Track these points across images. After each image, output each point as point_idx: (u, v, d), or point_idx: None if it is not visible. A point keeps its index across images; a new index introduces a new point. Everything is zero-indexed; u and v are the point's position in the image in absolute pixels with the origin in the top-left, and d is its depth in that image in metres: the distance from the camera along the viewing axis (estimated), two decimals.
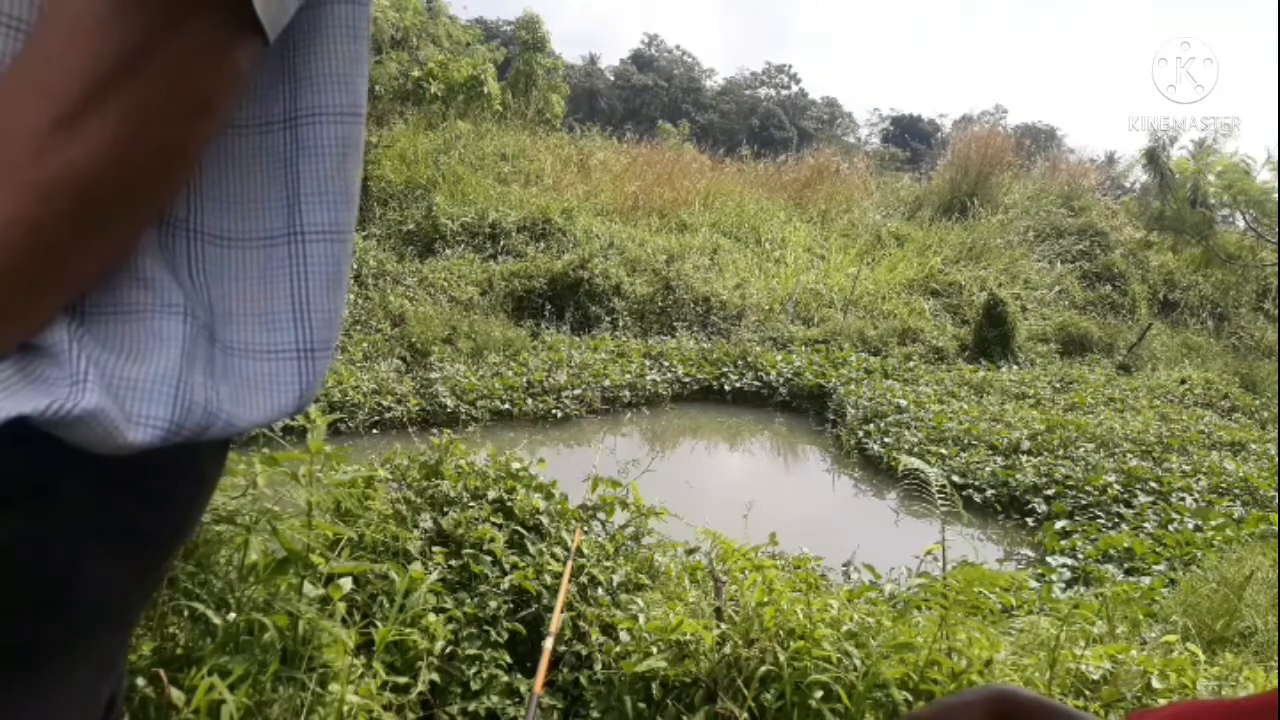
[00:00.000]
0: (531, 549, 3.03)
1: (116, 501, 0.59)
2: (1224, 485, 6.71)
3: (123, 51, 0.48)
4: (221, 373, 0.61)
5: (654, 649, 2.50)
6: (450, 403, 7.83)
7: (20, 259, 0.48)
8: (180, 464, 0.63)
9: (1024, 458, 7.17)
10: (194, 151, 0.55)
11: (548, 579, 2.89)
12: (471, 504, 3.16)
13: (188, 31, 0.50)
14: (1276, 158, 12.18)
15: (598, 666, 2.61)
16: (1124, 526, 5.87)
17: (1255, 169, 12.48)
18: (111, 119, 0.48)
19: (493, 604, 2.75)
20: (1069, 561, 5.26)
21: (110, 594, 0.62)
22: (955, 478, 6.78)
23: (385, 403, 7.61)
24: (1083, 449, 7.41)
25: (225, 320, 0.62)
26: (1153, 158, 13.55)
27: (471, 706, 2.47)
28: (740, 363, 10.06)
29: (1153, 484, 6.60)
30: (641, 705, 2.41)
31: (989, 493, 6.63)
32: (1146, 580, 4.64)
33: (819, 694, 2.26)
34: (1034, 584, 4.61)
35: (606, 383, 8.89)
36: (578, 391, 8.59)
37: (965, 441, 7.55)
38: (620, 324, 11.46)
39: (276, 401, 0.63)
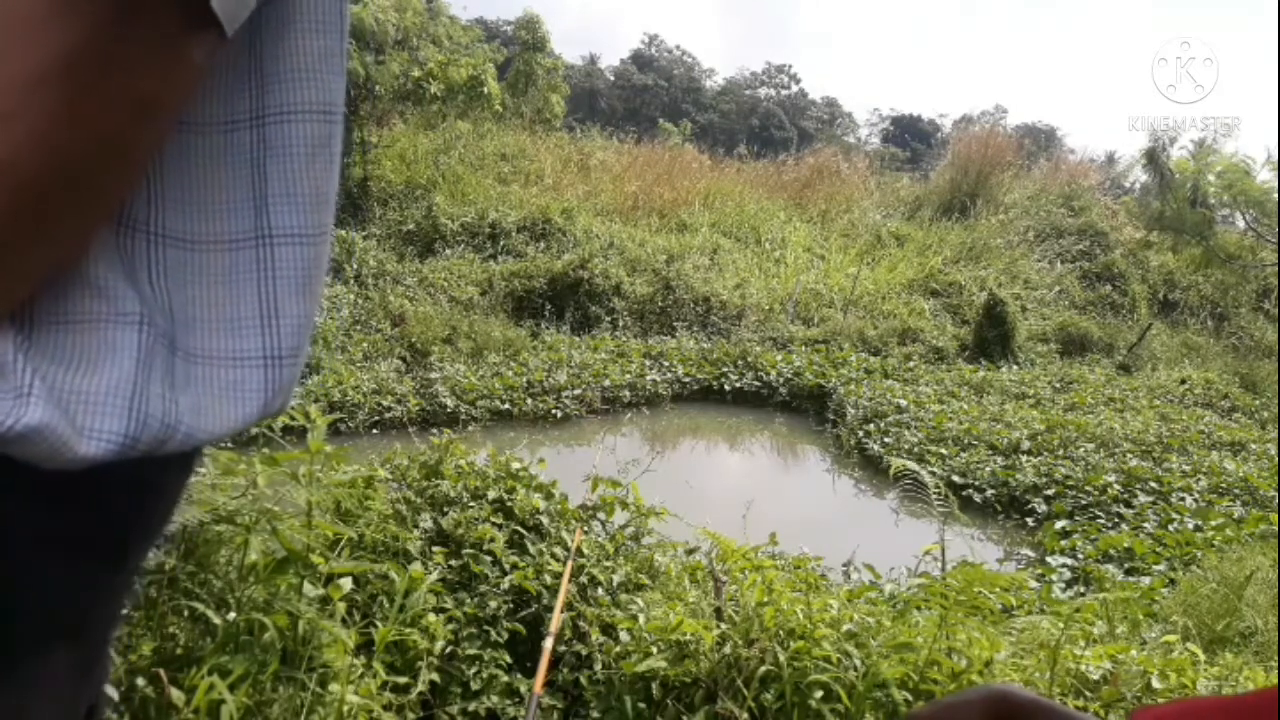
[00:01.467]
0: (531, 549, 3.03)
1: (60, 515, 0.57)
2: (1224, 485, 6.71)
3: (67, 44, 0.46)
4: (182, 382, 0.58)
5: (654, 649, 2.50)
6: (450, 403, 7.83)
7: None
8: (132, 476, 0.60)
9: (1024, 458, 7.17)
10: (142, 150, 0.53)
11: (548, 579, 2.89)
12: (471, 504, 3.16)
13: (139, 25, 0.48)
14: (1276, 158, 12.18)
15: (598, 666, 2.61)
16: (1124, 526, 5.87)
17: (1255, 169, 12.49)
18: (50, 114, 0.46)
19: (493, 604, 2.75)
20: (1069, 561, 5.26)
21: (60, 609, 0.60)
22: (955, 478, 6.78)
23: (385, 403, 7.61)
24: (1083, 449, 7.41)
25: (188, 327, 0.60)
26: (1153, 158, 13.55)
27: (471, 706, 2.47)
28: (740, 363, 10.06)
29: (1153, 484, 6.60)
30: (641, 705, 2.41)
31: (989, 493, 6.63)
32: (1146, 580, 4.64)
33: (819, 694, 2.26)
34: (1034, 584, 4.61)
35: (606, 383, 8.89)
36: (578, 391, 8.59)
37: (965, 441, 7.55)
38: (620, 324, 11.46)
39: (241, 410, 0.61)
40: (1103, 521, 6.01)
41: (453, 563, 2.88)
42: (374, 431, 7.36)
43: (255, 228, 0.62)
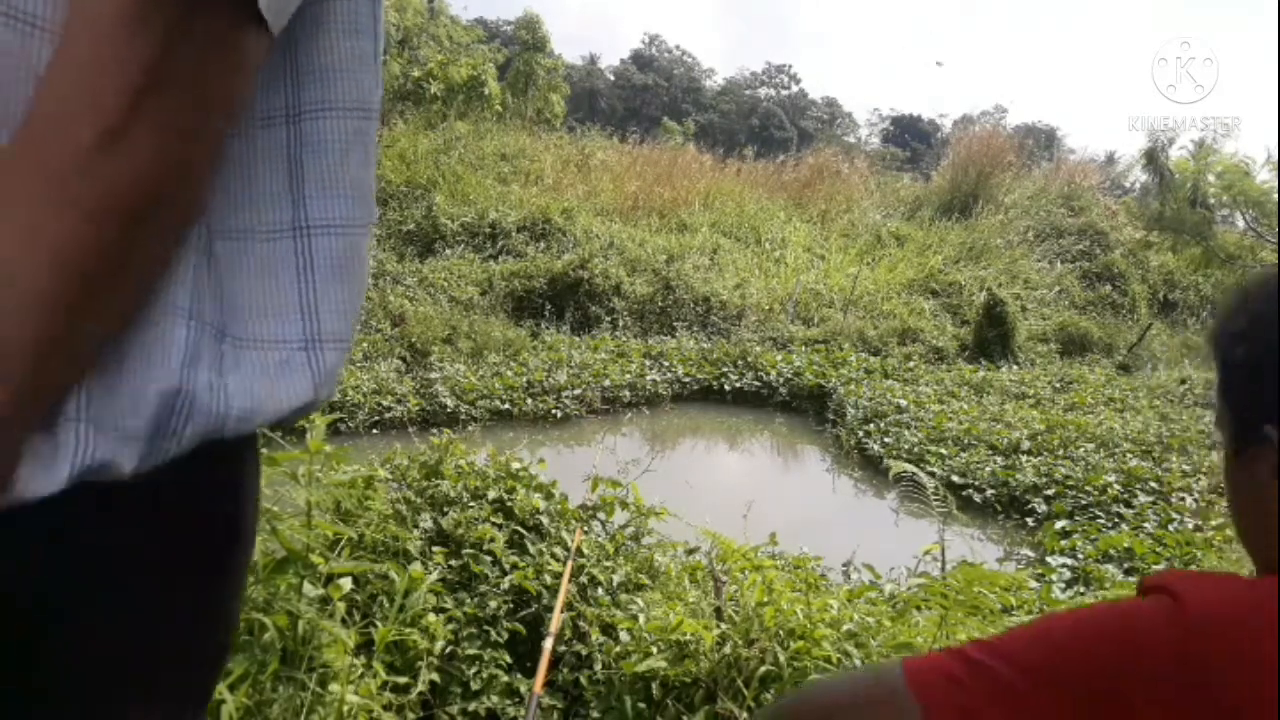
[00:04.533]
0: (531, 549, 3.03)
1: (114, 529, 0.57)
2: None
3: (149, 55, 0.47)
4: (231, 368, 0.60)
5: (654, 649, 2.50)
6: (450, 403, 7.83)
7: (77, 282, 0.47)
8: (181, 478, 0.59)
9: (1024, 458, 7.17)
10: (220, 152, 0.55)
11: (548, 579, 2.89)
12: (471, 504, 3.16)
13: (200, 28, 0.49)
14: (1276, 158, 12.19)
15: (598, 666, 2.61)
16: (1124, 526, 5.86)
17: (1255, 169, 12.49)
18: (153, 128, 0.48)
19: (493, 604, 2.75)
20: (1069, 561, 5.25)
21: (115, 650, 0.58)
22: (955, 478, 6.78)
23: (385, 403, 7.61)
24: (1083, 449, 7.41)
25: (234, 314, 0.62)
26: (1152, 158, 13.56)
27: (471, 706, 2.47)
28: (740, 363, 10.06)
29: (1153, 484, 6.60)
30: (641, 705, 2.41)
31: (989, 493, 6.63)
32: None
33: None
34: (1034, 584, 4.61)
35: (606, 383, 8.89)
36: (578, 391, 8.59)
37: (965, 441, 7.55)
38: (620, 324, 11.46)
39: (291, 392, 0.63)
40: (1103, 521, 6.00)
41: (453, 563, 2.88)
42: (374, 431, 7.36)
43: (293, 219, 0.64)
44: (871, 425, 7.99)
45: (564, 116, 20.11)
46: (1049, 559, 5.35)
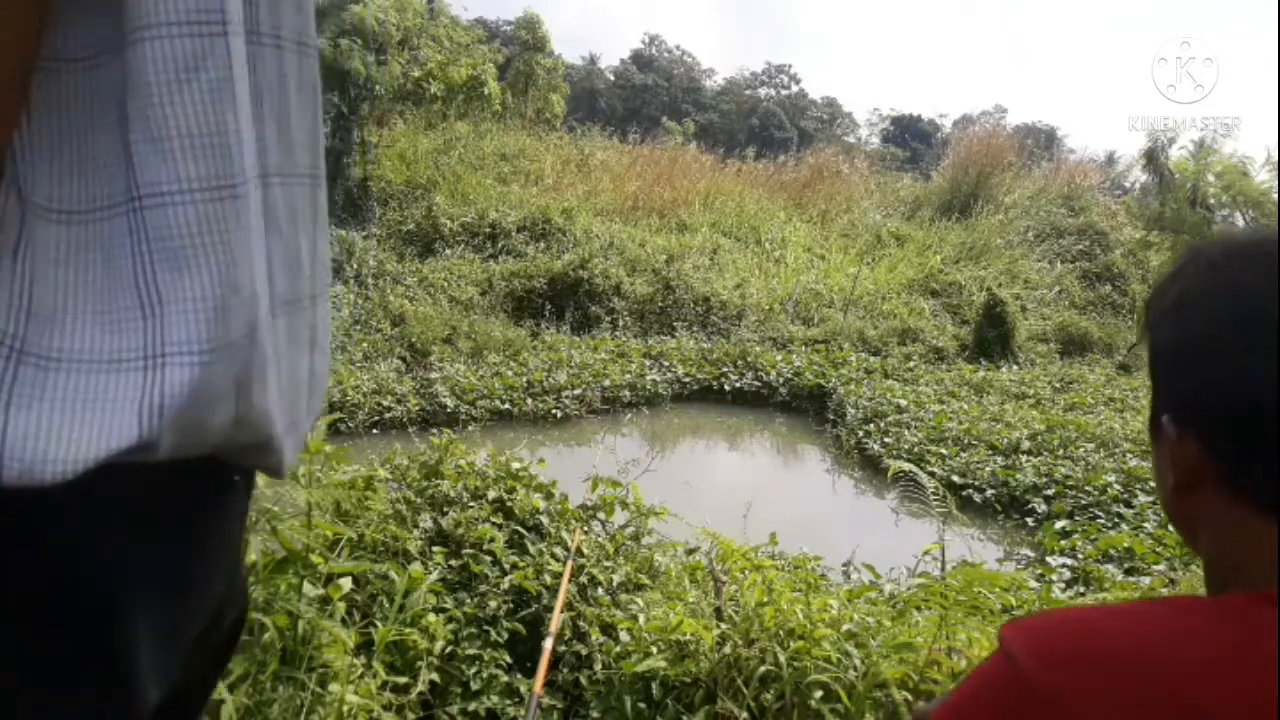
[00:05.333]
0: (531, 549, 3.03)
1: None
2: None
3: None
4: (28, 398, 0.46)
5: (654, 649, 2.50)
6: (450, 403, 7.83)
7: None
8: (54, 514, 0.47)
9: (1024, 458, 7.17)
10: (16, 98, 0.43)
11: (548, 579, 2.89)
12: (471, 504, 3.17)
13: None
14: (1276, 158, 12.20)
15: (598, 666, 2.61)
16: (1124, 526, 5.86)
17: (1255, 169, 12.50)
18: None
19: (493, 604, 2.75)
20: (1069, 561, 5.25)
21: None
22: (955, 478, 6.78)
23: (385, 403, 7.61)
24: (1083, 449, 7.41)
25: (51, 322, 0.47)
26: (1152, 158, 13.57)
27: (471, 706, 2.47)
28: (740, 363, 10.06)
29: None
30: (641, 705, 2.41)
31: (989, 493, 6.63)
32: (1146, 580, 4.64)
33: (819, 694, 2.26)
34: (1034, 584, 4.60)
35: (606, 383, 8.89)
36: (578, 391, 8.59)
37: (965, 441, 7.55)
38: (620, 324, 11.46)
39: (102, 431, 0.47)
40: (1103, 521, 6.00)
41: (453, 563, 2.89)
42: (374, 431, 7.36)
43: (126, 187, 0.48)
44: (871, 425, 7.99)
45: (564, 116, 20.11)
46: (1049, 559, 5.35)
